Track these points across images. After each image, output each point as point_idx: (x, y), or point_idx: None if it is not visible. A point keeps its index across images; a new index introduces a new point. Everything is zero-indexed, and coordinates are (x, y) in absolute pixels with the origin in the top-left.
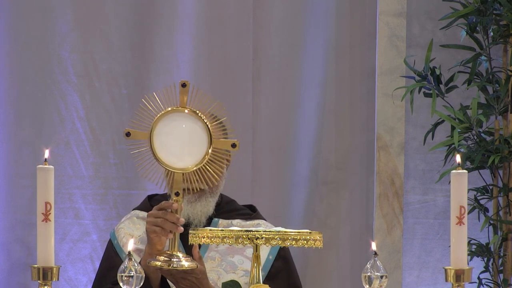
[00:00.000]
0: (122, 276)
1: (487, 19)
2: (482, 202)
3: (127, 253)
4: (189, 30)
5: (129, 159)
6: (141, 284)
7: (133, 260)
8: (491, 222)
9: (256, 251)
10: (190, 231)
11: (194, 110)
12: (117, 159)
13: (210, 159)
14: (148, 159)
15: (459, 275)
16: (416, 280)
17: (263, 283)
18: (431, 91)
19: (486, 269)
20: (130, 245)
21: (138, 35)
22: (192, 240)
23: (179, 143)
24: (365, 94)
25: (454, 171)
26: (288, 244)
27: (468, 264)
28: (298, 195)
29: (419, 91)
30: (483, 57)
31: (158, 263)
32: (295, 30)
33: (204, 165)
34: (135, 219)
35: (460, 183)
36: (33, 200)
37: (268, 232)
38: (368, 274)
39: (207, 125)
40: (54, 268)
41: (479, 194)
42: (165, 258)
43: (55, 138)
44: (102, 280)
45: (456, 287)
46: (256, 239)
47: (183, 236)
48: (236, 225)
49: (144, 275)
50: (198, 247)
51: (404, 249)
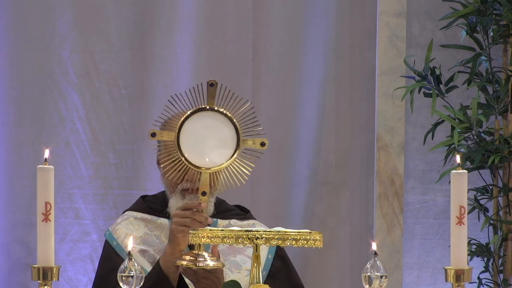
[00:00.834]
0: (122, 276)
1: (487, 19)
2: (482, 202)
3: (128, 253)
4: (189, 30)
5: (129, 159)
6: (141, 284)
7: (133, 260)
8: (491, 222)
9: (256, 251)
10: (190, 231)
11: (222, 109)
12: (117, 159)
13: (239, 158)
14: (175, 159)
15: (459, 275)
16: (416, 280)
17: (265, 282)
18: (431, 91)
19: (486, 269)
20: (130, 245)
21: (138, 35)
22: (192, 240)
23: (206, 143)
24: (365, 94)
25: (454, 171)
26: (288, 244)
27: (468, 264)
28: (298, 195)
29: (419, 91)
30: (483, 57)
31: (184, 263)
32: (295, 30)
33: (232, 164)
34: (133, 220)
35: (460, 183)
36: (33, 200)
37: (268, 232)
38: (368, 274)
39: (235, 124)
40: (54, 268)
41: (479, 194)
42: (191, 258)
43: (55, 138)
44: (104, 281)
45: (456, 287)
46: (256, 239)
47: None
48: (234, 225)
49: (144, 275)
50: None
51: (404, 249)
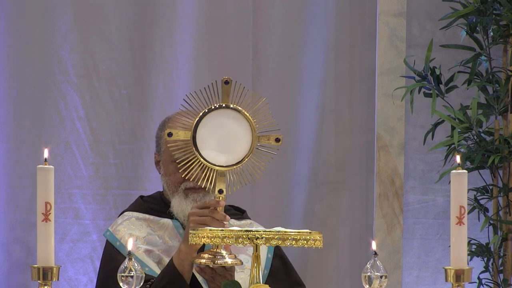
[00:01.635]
0: (122, 276)
1: (487, 19)
2: (482, 202)
3: (128, 253)
4: (189, 30)
5: (129, 159)
6: (141, 284)
7: (133, 260)
8: (491, 222)
9: (256, 251)
10: (190, 231)
11: (237, 106)
12: (117, 159)
13: (254, 154)
14: (191, 158)
15: (459, 275)
16: (416, 280)
17: (266, 282)
18: (431, 91)
19: (486, 269)
20: (130, 245)
21: (138, 35)
22: (192, 240)
23: (222, 141)
24: (365, 94)
25: (454, 171)
26: (288, 244)
27: (468, 264)
28: (298, 195)
29: (419, 91)
30: (483, 57)
31: (203, 261)
32: (295, 30)
33: (249, 162)
34: (134, 221)
35: (460, 183)
36: (33, 200)
37: (268, 232)
38: (368, 274)
39: (250, 121)
40: (54, 268)
41: (479, 194)
42: (210, 256)
43: (55, 138)
44: (110, 281)
45: (456, 287)
46: (256, 239)
47: None
48: (233, 225)
49: (144, 275)
50: (203, 247)
51: (404, 249)
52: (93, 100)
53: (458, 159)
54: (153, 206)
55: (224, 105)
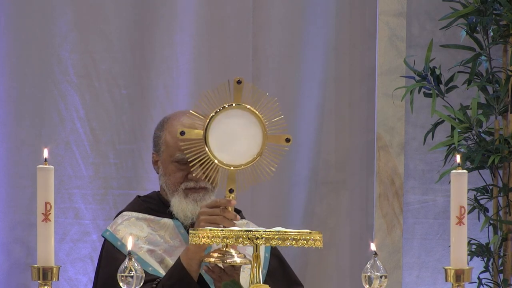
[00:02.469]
0: (122, 276)
1: (487, 19)
2: (482, 202)
3: (128, 253)
4: (189, 30)
5: (129, 159)
6: (141, 283)
7: (133, 260)
8: (491, 222)
9: (256, 251)
10: (190, 231)
11: (249, 106)
12: (117, 159)
13: (264, 154)
14: (203, 157)
15: (459, 275)
16: (416, 280)
17: (265, 281)
18: (431, 91)
19: (486, 269)
20: (130, 245)
21: (138, 35)
22: (192, 240)
23: (233, 140)
24: (365, 94)
25: (454, 171)
26: (288, 244)
27: (468, 264)
28: (298, 195)
29: (419, 91)
30: (483, 57)
31: (213, 259)
32: (295, 30)
33: (259, 161)
34: (135, 221)
35: (460, 183)
36: (33, 200)
37: (268, 232)
38: (368, 274)
39: (261, 121)
40: (54, 268)
41: (479, 194)
42: (219, 255)
43: (55, 138)
44: (112, 282)
45: (456, 287)
46: (256, 239)
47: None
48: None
49: (144, 275)
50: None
51: (404, 249)
52: (93, 100)
53: (458, 159)
54: (152, 206)
55: (236, 104)
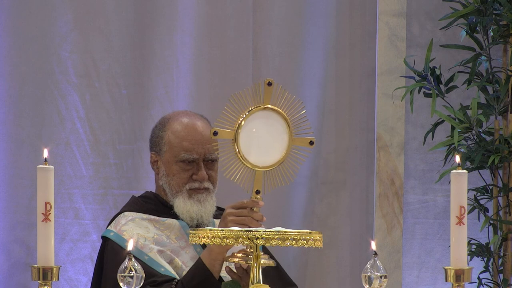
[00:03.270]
0: (122, 276)
1: (487, 19)
2: (482, 202)
3: (127, 253)
4: (189, 30)
5: (129, 159)
6: (141, 284)
7: (133, 260)
8: (491, 222)
9: (256, 251)
10: (190, 231)
11: (278, 108)
12: (117, 159)
13: (289, 156)
14: (233, 158)
15: (459, 275)
16: (416, 280)
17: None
18: (431, 91)
19: (486, 269)
20: (130, 245)
21: (138, 35)
22: (192, 240)
23: (261, 141)
24: (365, 94)
25: (454, 171)
26: (288, 244)
27: (468, 264)
28: (298, 195)
29: (419, 91)
30: (483, 57)
31: (237, 260)
32: (295, 30)
33: (283, 163)
34: (140, 221)
35: (460, 183)
36: (33, 200)
37: (268, 232)
38: (368, 274)
39: (288, 123)
40: (54, 268)
41: (479, 194)
42: (243, 255)
43: (55, 138)
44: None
45: (456, 287)
46: (256, 239)
47: None
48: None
49: (144, 275)
50: (203, 247)
51: (404, 249)
52: (93, 100)
53: (458, 159)
54: (153, 206)
55: (266, 106)
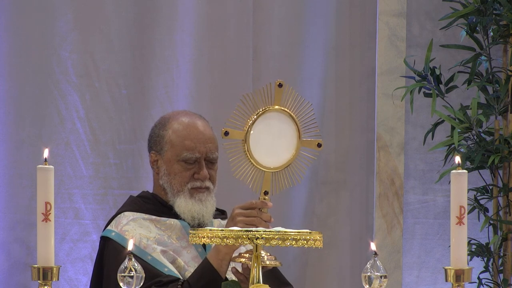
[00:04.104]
0: (121, 276)
1: (487, 19)
2: (482, 202)
3: (128, 253)
4: (189, 30)
5: (129, 159)
6: (141, 284)
7: (133, 260)
8: (491, 222)
9: (256, 251)
10: (190, 231)
11: (288, 110)
12: (117, 159)
13: (297, 158)
14: (242, 158)
15: (459, 275)
16: (416, 280)
17: None
18: (431, 91)
19: (486, 269)
20: (130, 245)
21: (138, 35)
22: (192, 240)
23: (270, 142)
24: (365, 94)
25: (454, 171)
26: (288, 244)
27: (468, 264)
28: (298, 195)
29: (419, 91)
30: (483, 57)
31: (243, 260)
32: (295, 30)
33: (291, 165)
34: (142, 221)
35: (460, 183)
36: (33, 200)
37: (268, 232)
38: (368, 274)
39: (297, 125)
40: (54, 268)
41: (479, 194)
42: (250, 255)
43: (55, 138)
44: None
45: (456, 287)
46: (256, 239)
47: None
48: (223, 225)
49: (144, 275)
50: (203, 247)
51: (404, 249)
52: (93, 100)
53: (458, 159)
54: (153, 206)
55: (276, 107)
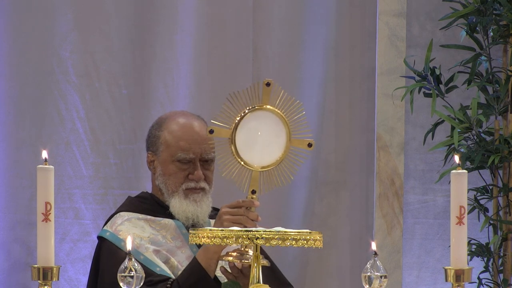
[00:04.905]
0: (121, 276)
1: (487, 19)
2: (482, 202)
3: (128, 253)
4: (189, 30)
5: (129, 159)
6: (141, 283)
7: (133, 260)
8: (491, 222)
9: (256, 251)
10: (190, 231)
11: (276, 109)
12: (117, 159)
13: (287, 158)
14: (229, 157)
15: (459, 275)
16: (416, 280)
17: None
18: (431, 91)
19: (486, 269)
20: (129, 245)
21: (138, 35)
22: (192, 240)
23: (258, 142)
24: (365, 94)
25: (454, 171)
26: (288, 244)
27: (468, 264)
28: (298, 195)
29: (419, 91)
30: (483, 57)
31: (231, 258)
32: (295, 30)
33: (280, 165)
34: (136, 221)
35: (460, 183)
36: (33, 200)
37: (268, 232)
38: (368, 274)
39: (287, 124)
40: (54, 268)
41: (479, 194)
42: (238, 254)
43: (55, 138)
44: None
45: (456, 287)
46: (256, 239)
47: None
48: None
49: (144, 275)
50: (198, 247)
51: (404, 249)
52: (93, 100)
53: (457, 159)
54: (149, 206)
55: (264, 106)
